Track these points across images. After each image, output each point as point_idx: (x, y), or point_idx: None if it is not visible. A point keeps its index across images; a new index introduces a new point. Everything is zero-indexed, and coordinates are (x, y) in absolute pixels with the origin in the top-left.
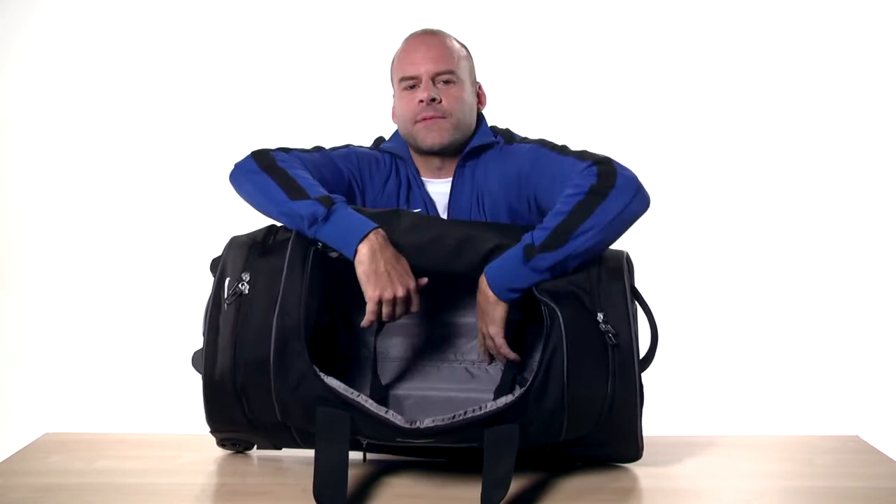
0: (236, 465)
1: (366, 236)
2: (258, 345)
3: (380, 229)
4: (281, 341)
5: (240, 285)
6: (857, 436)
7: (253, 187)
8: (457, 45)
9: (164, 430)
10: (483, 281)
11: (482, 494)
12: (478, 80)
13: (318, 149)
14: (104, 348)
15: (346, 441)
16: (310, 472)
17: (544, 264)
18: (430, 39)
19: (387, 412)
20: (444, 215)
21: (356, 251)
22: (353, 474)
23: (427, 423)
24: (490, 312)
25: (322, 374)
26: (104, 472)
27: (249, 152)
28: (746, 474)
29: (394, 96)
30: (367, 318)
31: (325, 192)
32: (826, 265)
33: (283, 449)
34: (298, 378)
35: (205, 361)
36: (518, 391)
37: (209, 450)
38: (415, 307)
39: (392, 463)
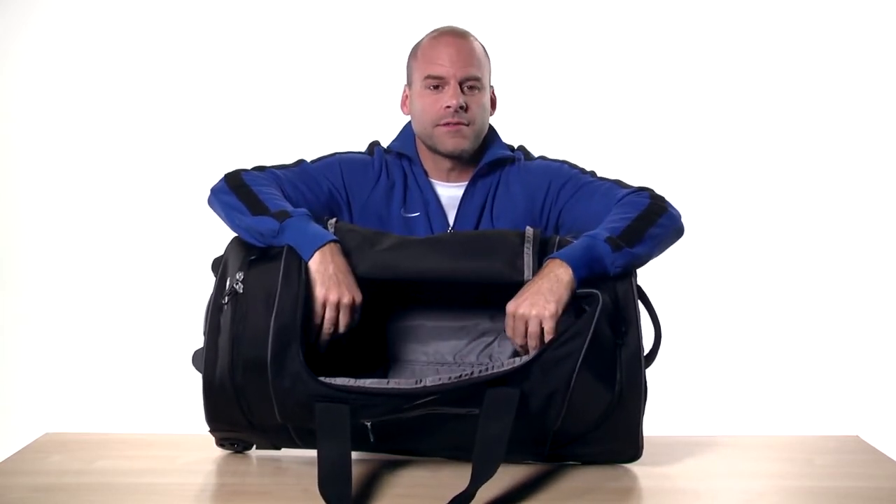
0: (236, 465)
1: (321, 246)
2: (255, 345)
3: (336, 242)
4: (277, 342)
5: (235, 285)
6: (857, 436)
7: (221, 207)
8: (482, 50)
9: (164, 430)
10: (556, 263)
11: (473, 462)
12: (492, 83)
13: (299, 162)
14: (104, 348)
15: (347, 435)
16: (310, 471)
17: (623, 260)
18: (460, 41)
19: (388, 383)
20: (450, 217)
21: (311, 257)
22: (356, 474)
23: (432, 380)
24: (554, 292)
25: (314, 376)
26: (104, 472)
27: (223, 175)
28: (746, 474)
29: (408, 86)
30: (315, 319)
31: (285, 207)
32: (826, 265)
33: (283, 449)
34: (293, 379)
35: (205, 362)
36: (527, 358)
37: (209, 450)
38: (353, 322)
39: (396, 463)
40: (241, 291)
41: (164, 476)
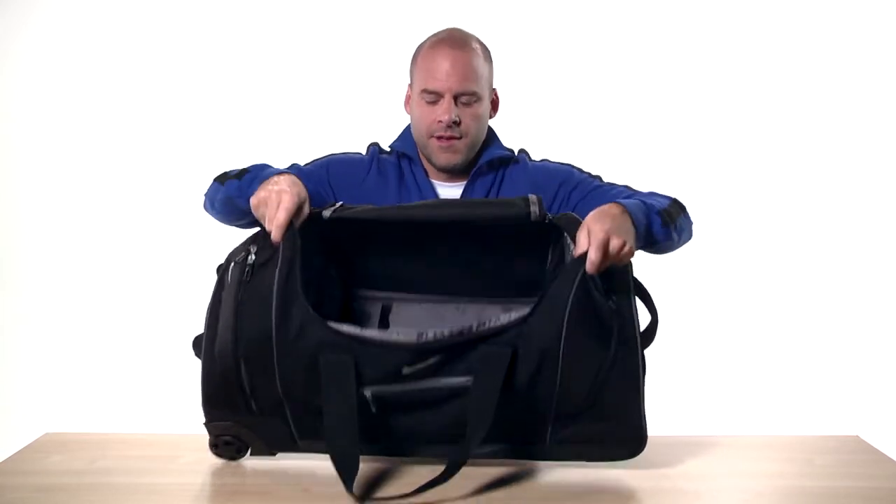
0: (236, 465)
1: (276, 174)
2: (260, 312)
3: (289, 174)
4: (282, 299)
5: (247, 256)
6: (857, 436)
7: (206, 200)
8: (482, 58)
9: (164, 430)
10: (619, 206)
11: (468, 421)
12: (493, 85)
13: (292, 165)
14: (104, 348)
15: (352, 386)
16: (310, 471)
17: (663, 238)
18: (457, 54)
19: (390, 334)
20: None
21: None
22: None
23: (433, 333)
24: (624, 227)
25: (321, 319)
26: (104, 472)
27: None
28: (746, 474)
29: (410, 87)
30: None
31: (246, 167)
32: (826, 265)
33: (279, 454)
34: (299, 326)
35: (205, 339)
36: (519, 315)
37: (209, 450)
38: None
39: (395, 462)
40: (250, 261)
41: (164, 476)
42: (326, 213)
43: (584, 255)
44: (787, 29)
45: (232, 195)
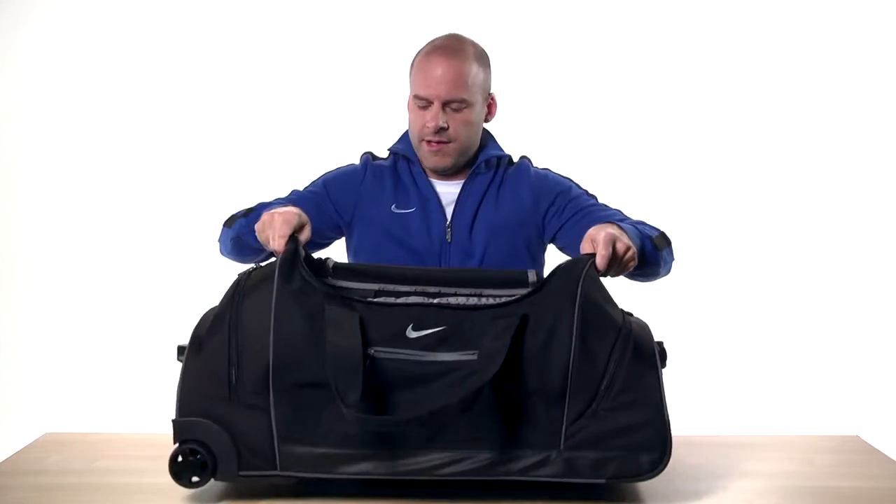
0: None
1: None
2: (261, 286)
3: (292, 204)
4: (283, 273)
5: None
6: (857, 436)
7: (220, 242)
8: (475, 65)
9: (164, 430)
10: (615, 224)
11: (481, 363)
12: (492, 90)
13: (292, 192)
14: (105, 348)
15: (357, 330)
16: None
17: (652, 263)
18: (448, 62)
19: (398, 298)
20: (448, 211)
21: None
22: (355, 492)
23: (437, 300)
24: (625, 237)
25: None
26: (104, 472)
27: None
28: (746, 474)
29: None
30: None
31: (250, 206)
32: (826, 265)
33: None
34: (300, 289)
35: (199, 322)
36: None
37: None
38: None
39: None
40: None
41: (164, 476)
42: (331, 263)
43: (591, 254)
44: (785, 36)
45: (241, 233)
